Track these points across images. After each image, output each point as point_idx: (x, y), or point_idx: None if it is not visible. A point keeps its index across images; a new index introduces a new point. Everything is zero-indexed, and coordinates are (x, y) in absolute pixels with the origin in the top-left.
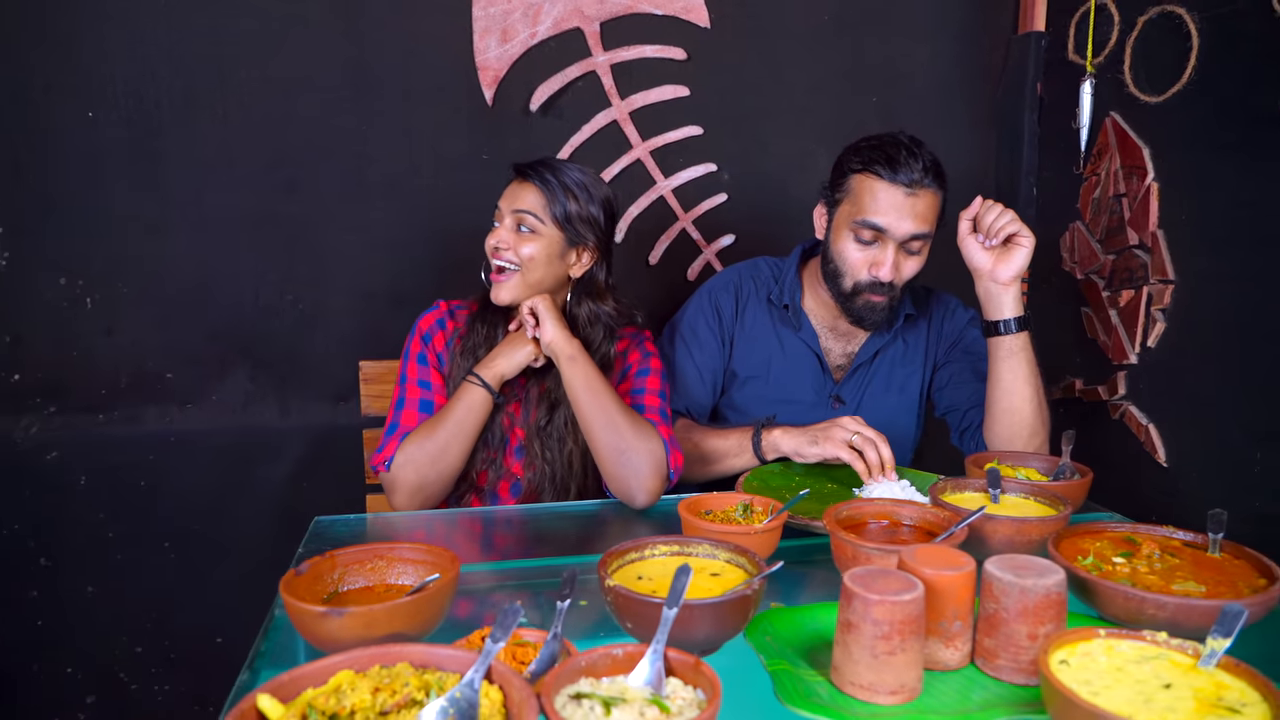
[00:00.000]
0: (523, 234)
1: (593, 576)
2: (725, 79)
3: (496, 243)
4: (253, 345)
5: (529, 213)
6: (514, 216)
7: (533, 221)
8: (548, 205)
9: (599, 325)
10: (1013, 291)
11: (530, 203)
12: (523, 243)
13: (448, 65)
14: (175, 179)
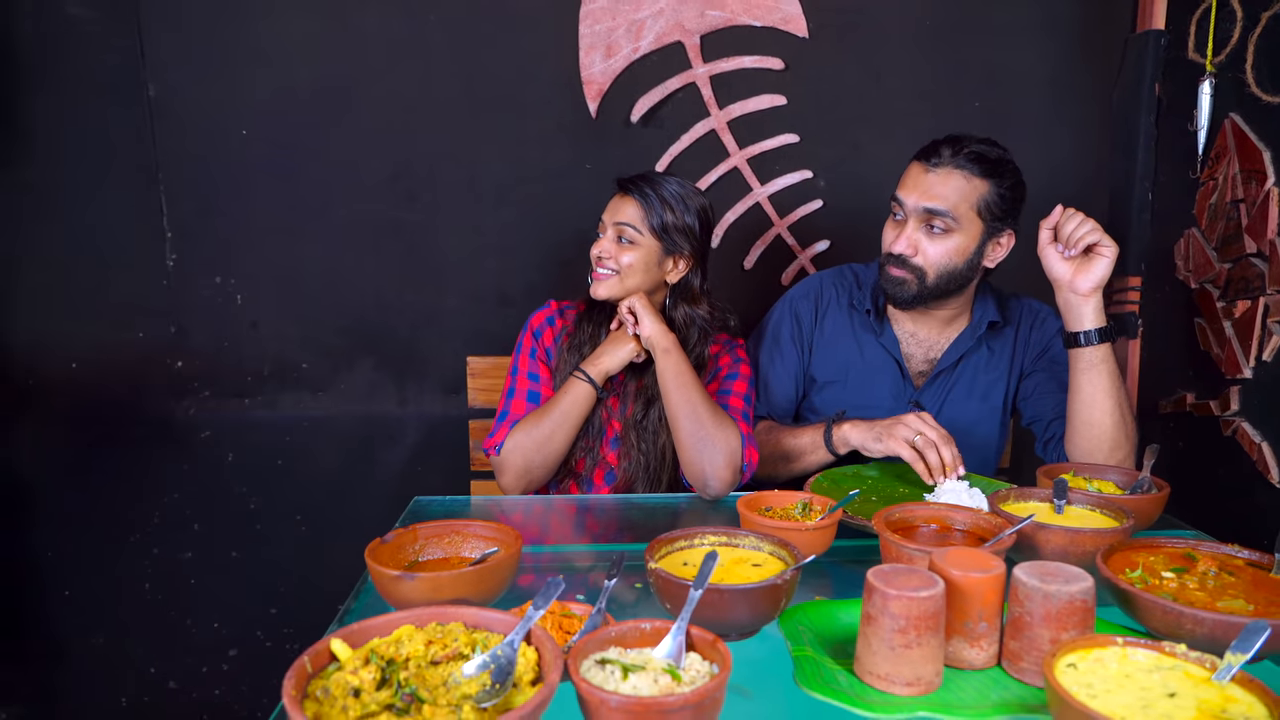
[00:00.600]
0: (623, 244)
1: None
2: (822, 87)
3: (599, 252)
4: (376, 340)
5: (628, 224)
6: (615, 228)
7: (632, 233)
8: (645, 217)
9: (694, 328)
10: (1093, 302)
11: (630, 215)
12: (623, 252)
13: (555, 80)
14: (310, 190)
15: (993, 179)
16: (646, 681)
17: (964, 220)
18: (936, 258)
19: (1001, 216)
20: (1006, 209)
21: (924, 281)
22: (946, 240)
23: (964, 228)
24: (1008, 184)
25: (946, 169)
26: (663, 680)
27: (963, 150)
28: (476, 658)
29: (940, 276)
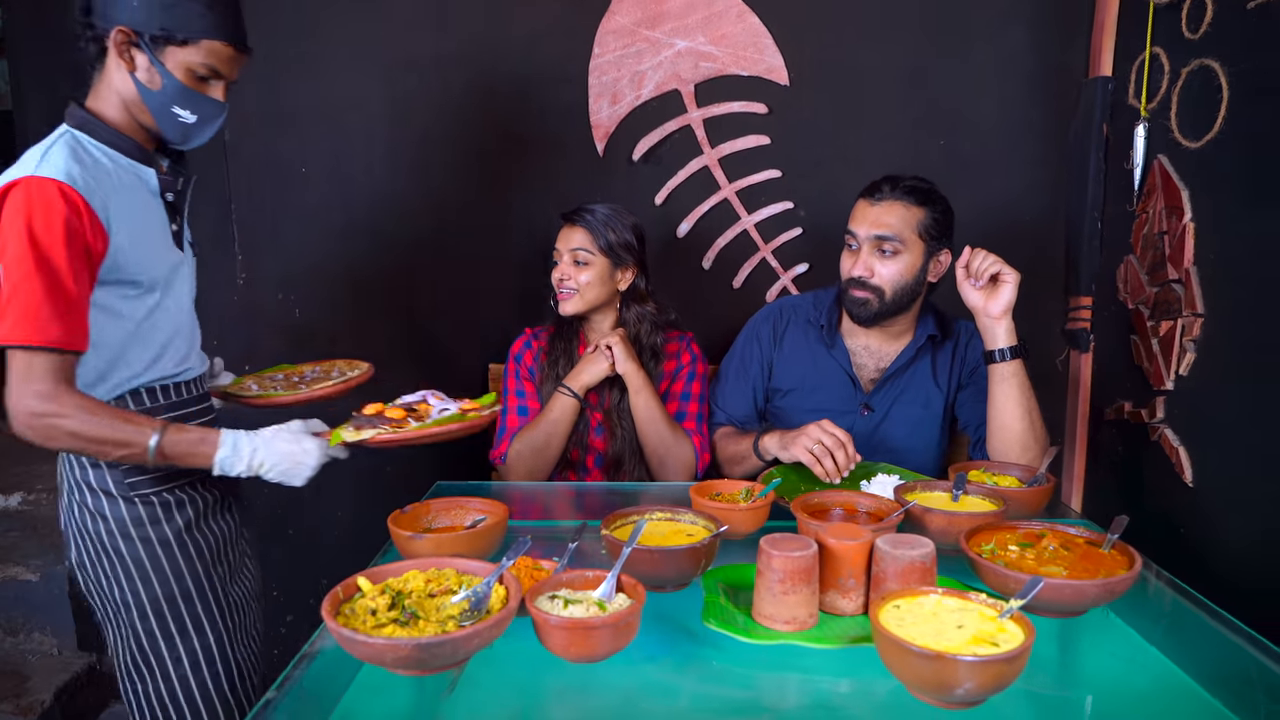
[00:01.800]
0: (579, 266)
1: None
2: (801, 129)
3: (560, 276)
4: (415, 345)
5: (580, 249)
6: (570, 254)
7: (584, 255)
8: (594, 240)
9: (645, 321)
10: (1004, 324)
11: (580, 240)
12: (580, 272)
13: (568, 124)
14: (360, 218)
15: (927, 206)
16: (581, 610)
17: (909, 242)
18: (890, 276)
19: (938, 236)
20: (941, 230)
21: (883, 299)
22: (897, 261)
23: (909, 248)
24: (939, 209)
25: (889, 201)
26: (592, 610)
27: (899, 185)
28: (462, 590)
29: (896, 292)
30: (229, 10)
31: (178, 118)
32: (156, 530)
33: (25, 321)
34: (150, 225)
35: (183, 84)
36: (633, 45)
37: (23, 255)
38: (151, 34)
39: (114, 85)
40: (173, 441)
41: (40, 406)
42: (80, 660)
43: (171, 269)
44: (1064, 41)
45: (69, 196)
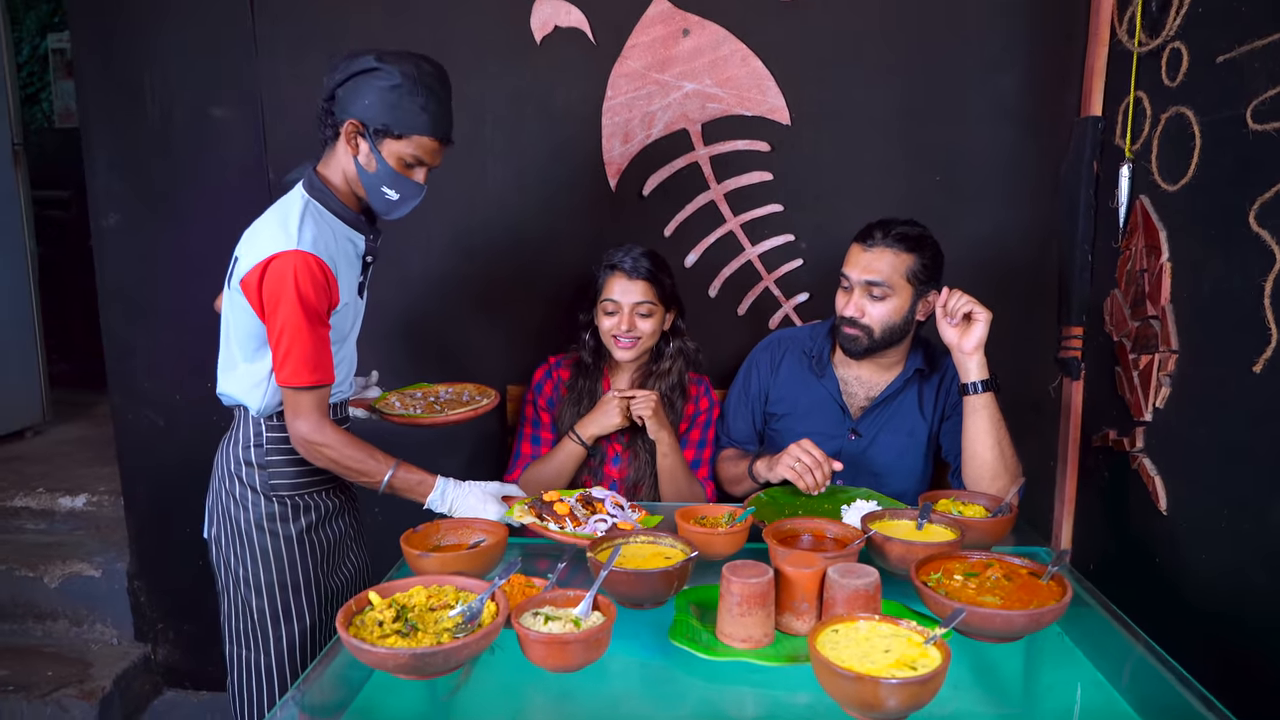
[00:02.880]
0: (643, 318)
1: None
2: (803, 166)
3: (624, 328)
4: (442, 364)
5: (645, 301)
6: (633, 307)
7: (648, 307)
8: (656, 291)
9: (681, 357)
10: (976, 359)
11: (643, 294)
12: (642, 322)
13: (583, 162)
14: (394, 252)
15: (916, 252)
16: (558, 626)
17: (897, 287)
18: (879, 317)
19: (926, 280)
20: (929, 274)
21: (872, 337)
22: (886, 303)
23: (897, 292)
24: (928, 255)
25: (880, 248)
26: (568, 626)
27: (891, 232)
28: (459, 606)
29: (884, 331)
30: (441, 110)
31: (385, 195)
32: (284, 527)
33: (301, 368)
34: (351, 282)
35: (393, 169)
36: (644, 88)
37: (296, 315)
38: (375, 127)
39: (339, 161)
40: (400, 479)
41: (312, 435)
42: (137, 650)
43: (355, 315)
44: (1057, 82)
45: (323, 268)
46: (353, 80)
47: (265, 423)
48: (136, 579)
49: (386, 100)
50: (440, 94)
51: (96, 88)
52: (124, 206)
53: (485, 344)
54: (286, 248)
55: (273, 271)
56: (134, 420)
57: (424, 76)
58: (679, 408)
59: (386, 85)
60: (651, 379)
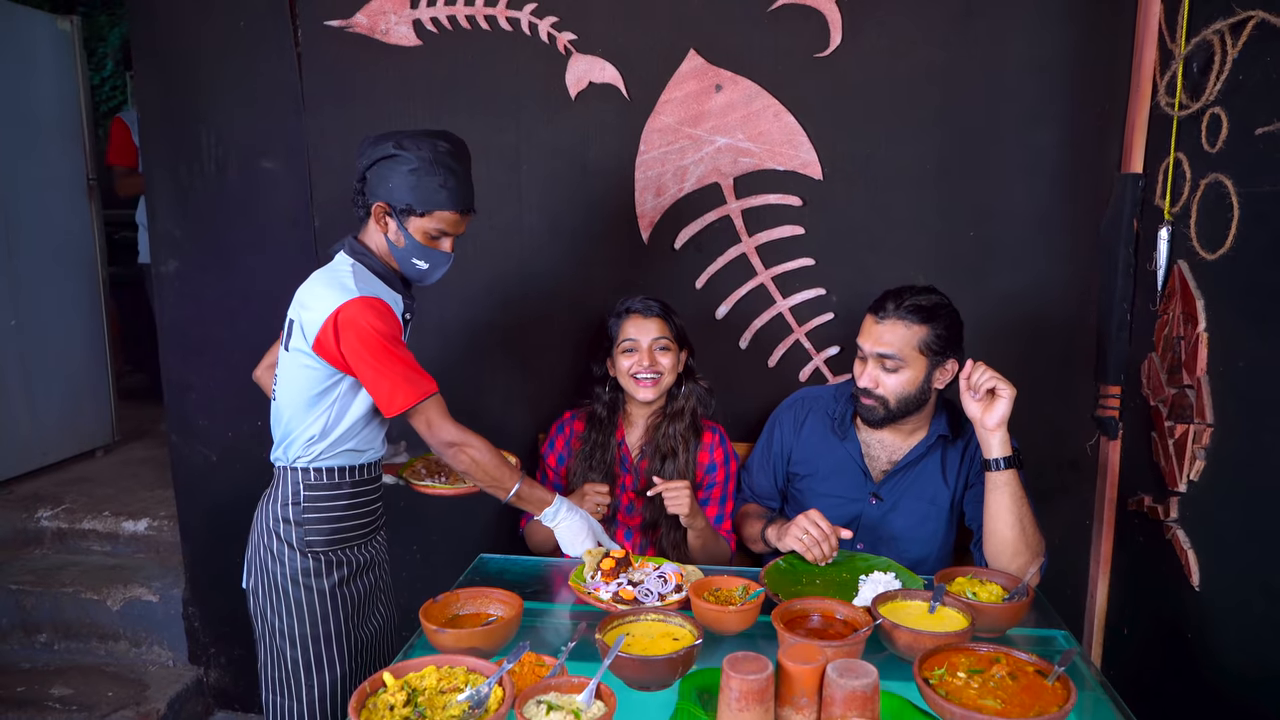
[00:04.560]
0: (660, 353)
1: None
2: (834, 220)
3: (645, 364)
4: (475, 415)
5: (662, 338)
6: (651, 343)
7: (666, 342)
8: (670, 329)
9: (693, 397)
10: (999, 435)
11: (659, 330)
12: (661, 357)
13: (615, 215)
14: (429, 302)
15: (929, 324)
16: (559, 716)
17: (909, 359)
18: (894, 388)
19: (940, 351)
20: (944, 345)
21: (888, 407)
22: (899, 374)
23: (910, 364)
24: (943, 325)
25: (891, 320)
26: (570, 716)
27: (903, 304)
28: (467, 690)
29: (900, 401)
30: (459, 184)
31: (416, 266)
32: (318, 581)
33: (407, 388)
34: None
35: (419, 243)
36: (676, 142)
37: (380, 346)
38: (400, 207)
39: (373, 236)
40: (526, 492)
41: (456, 437)
42: (190, 673)
43: None
44: (1097, 138)
45: (385, 305)
46: (377, 166)
47: (304, 481)
48: (190, 605)
49: (408, 183)
50: (457, 169)
51: (158, 139)
52: (181, 252)
53: (518, 394)
54: (348, 298)
55: (344, 321)
56: (189, 454)
57: (440, 156)
58: (692, 449)
59: (406, 169)
60: (665, 422)
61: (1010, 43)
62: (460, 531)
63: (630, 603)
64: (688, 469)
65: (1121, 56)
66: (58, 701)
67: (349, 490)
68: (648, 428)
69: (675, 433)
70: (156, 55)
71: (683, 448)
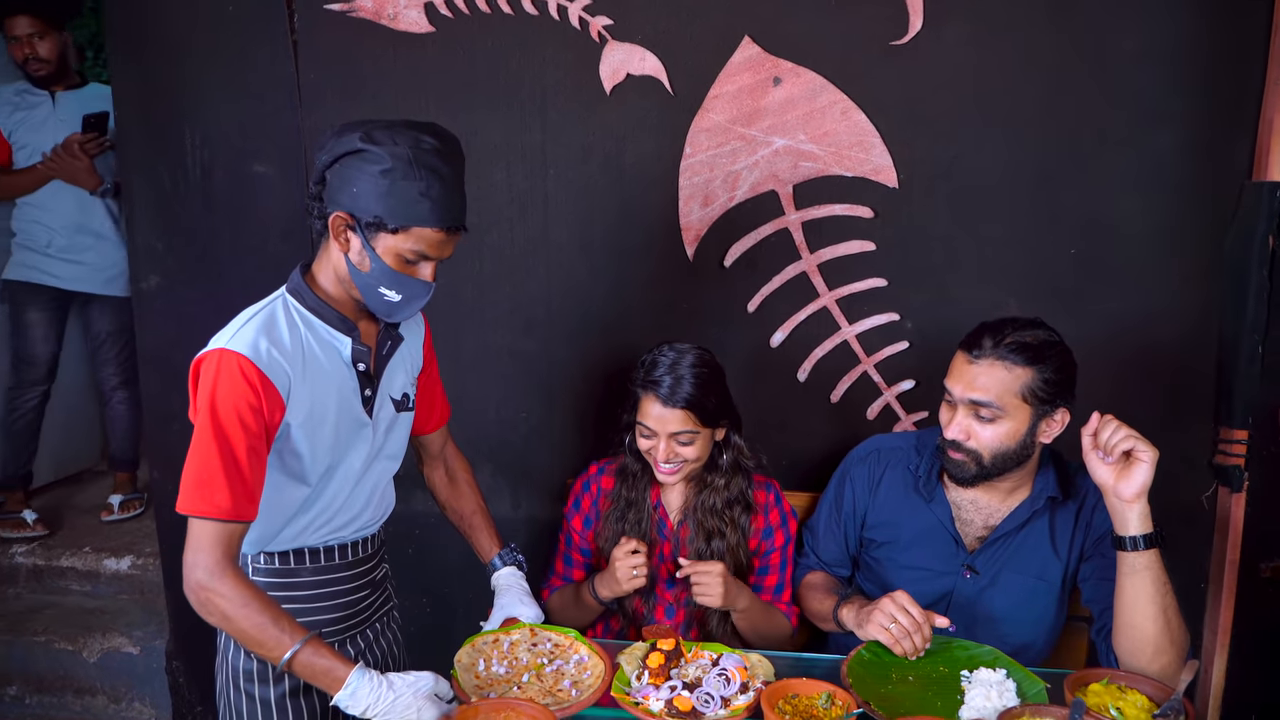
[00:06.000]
0: (681, 447)
1: None
2: (911, 234)
3: (658, 456)
4: (495, 450)
5: (687, 431)
6: (672, 436)
7: (689, 435)
8: (698, 418)
9: (738, 473)
10: (1137, 509)
11: (680, 424)
12: (684, 449)
13: (656, 227)
14: (443, 324)
15: (1035, 366)
16: None
17: (1010, 408)
18: (989, 441)
19: (1049, 399)
20: (1054, 392)
21: (981, 463)
22: (996, 426)
23: (1010, 414)
24: (1052, 368)
25: (989, 360)
26: None
27: (1004, 341)
28: None
29: (996, 458)
30: (446, 193)
31: (383, 297)
32: (261, 689)
33: (199, 491)
34: (334, 394)
35: (390, 268)
36: (727, 144)
37: (204, 427)
38: (366, 220)
39: (331, 258)
40: (304, 662)
41: (206, 580)
42: None
43: (350, 435)
44: (1224, 139)
45: (256, 374)
46: (339, 164)
47: (252, 558)
48: (175, 659)
49: (377, 187)
50: (445, 173)
51: (136, 142)
52: (163, 267)
53: (543, 432)
54: (214, 346)
55: (197, 374)
56: (172, 493)
57: (423, 155)
58: (743, 524)
59: (376, 170)
60: (706, 491)
61: (1122, 30)
62: (476, 579)
63: (689, 715)
64: (739, 546)
65: (1254, 46)
66: None
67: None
68: (686, 494)
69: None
70: (133, 44)
71: (730, 528)
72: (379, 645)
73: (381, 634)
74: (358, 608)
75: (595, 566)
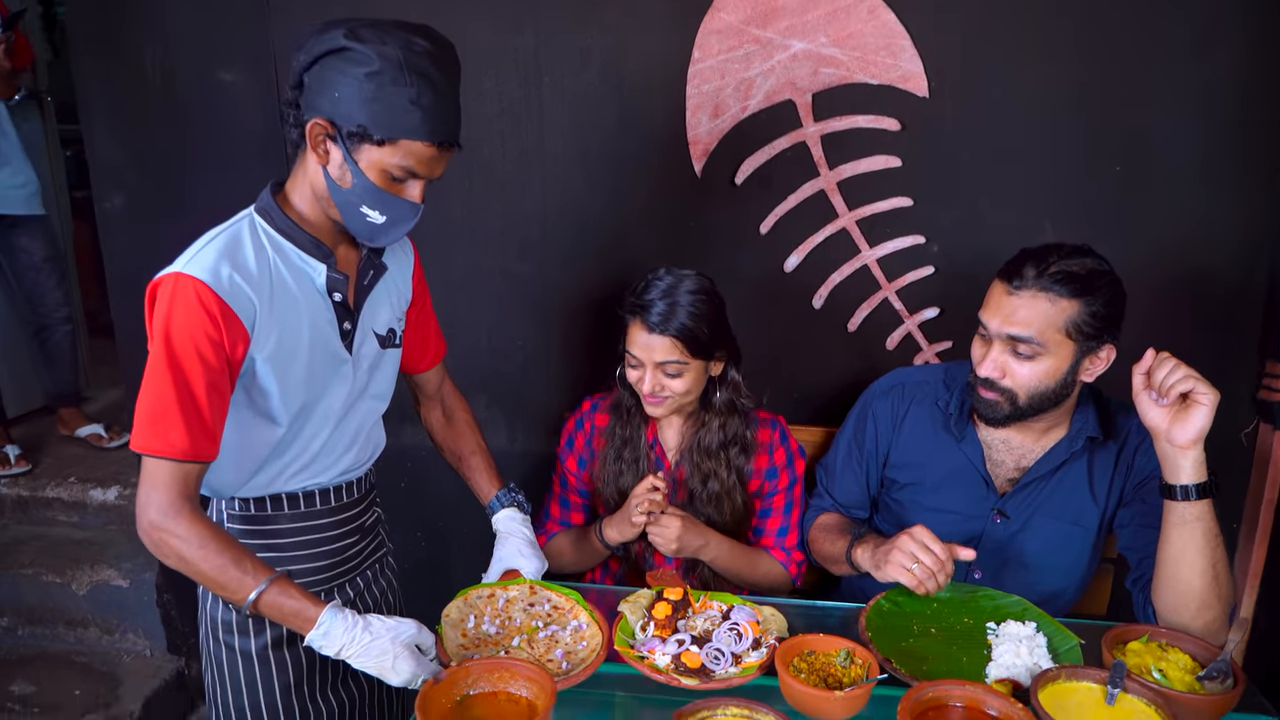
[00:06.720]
0: (669, 378)
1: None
2: (941, 149)
3: (645, 388)
4: (488, 381)
5: (671, 361)
6: (657, 368)
7: (676, 366)
8: (687, 348)
9: (734, 413)
10: (1192, 456)
11: (667, 352)
12: (672, 381)
13: (660, 140)
14: (431, 245)
15: (1083, 298)
16: None
17: (1051, 344)
18: (1025, 380)
19: (1096, 335)
20: (1102, 326)
21: (1016, 403)
22: (1035, 364)
23: (1052, 350)
24: (1102, 300)
25: (1030, 291)
26: None
27: (1048, 270)
28: None
29: (1031, 398)
30: (440, 103)
31: (366, 218)
32: (241, 641)
33: (153, 428)
34: (306, 327)
35: (374, 185)
36: (740, 48)
37: (158, 359)
38: (349, 130)
39: (307, 173)
40: (271, 605)
41: (159, 520)
42: (170, 665)
43: (327, 372)
44: None
45: (207, 298)
46: (319, 65)
47: (226, 505)
48: (165, 592)
49: (363, 92)
50: (439, 81)
51: (89, 45)
52: (127, 185)
53: (539, 360)
54: (170, 270)
55: (153, 300)
56: None
57: (414, 59)
58: (739, 465)
59: (362, 73)
60: (702, 430)
61: None
62: (472, 512)
63: (698, 672)
64: (736, 489)
65: None
66: (18, 701)
67: (323, 520)
68: (683, 431)
69: (712, 447)
70: None
71: (726, 470)
72: (370, 594)
73: (374, 581)
74: (344, 555)
75: (594, 509)
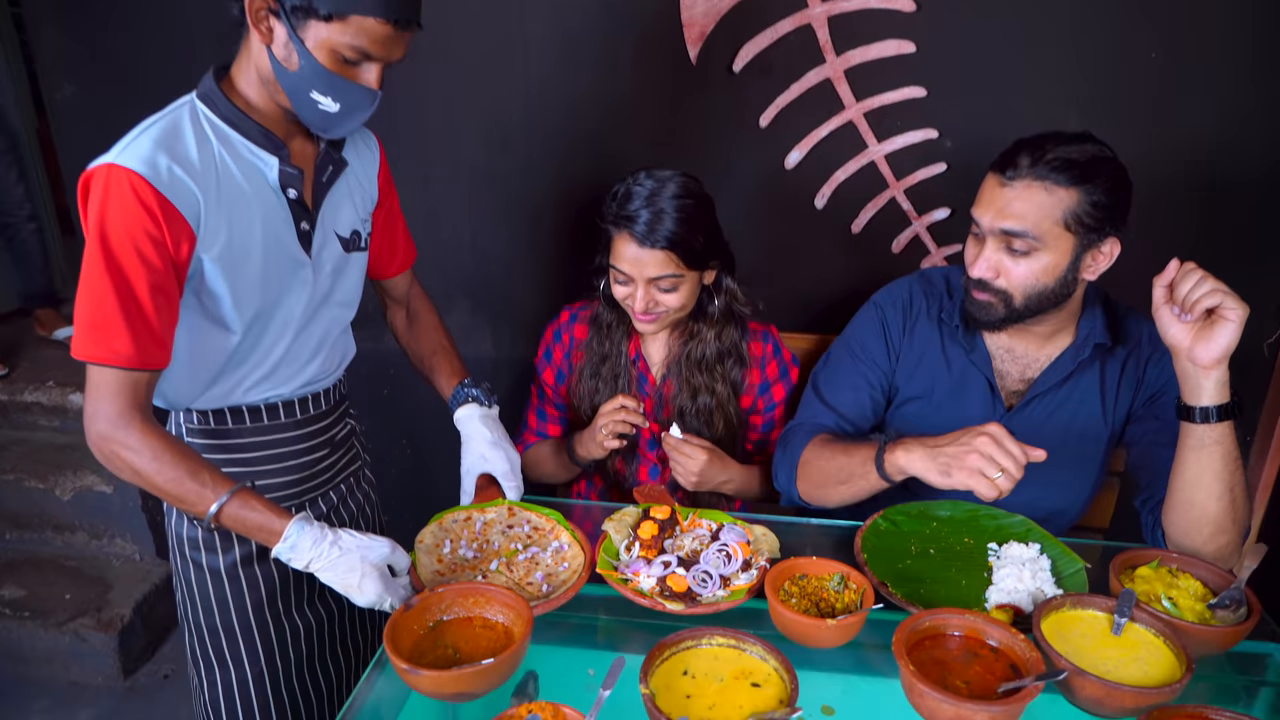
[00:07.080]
0: (662, 293)
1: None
2: (958, 34)
3: (634, 305)
4: (471, 284)
5: (667, 276)
6: (649, 284)
7: (672, 280)
8: (681, 260)
9: (730, 321)
10: (1215, 376)
11: (661, 267)
12: (665, 296)
13: (652, 23)
14: (408, 142)
15: (1082, 186)
16: None
17: (1048, 238)
18: (1021, 279)
19: (1097, 227)
20: (1103, 217)
21: (1011, 304)
22: (1031, 261)
23: (1050, 245)
24: (1103, 188)
25: (1025, 181)
26: None
27: (1044, 158)
28: None
29: (1029, 298)
30: None
31: (317, 105)
32: (209, 558)
33: (95, 334)
34: (258, 225)
35: (324, 67)
36: None
37: (94, 259)
38: (292, 3)
39: (251, 55)
40: (233, 517)
41: (109, 432)
42: (160, 569)
43: (285, 276)
44: None
45: (144, 192)
46: None
47: (184, 416)
48: (149, 498)
49: None
50: None
51: None
52: (78, 74)
53: (522, 263)
54: (101, 161)
55: (85, 194)
56: None
57: None
58: (735, 378)
59: None
60: (693, 342)
61: None
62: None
63: (683, 596)
64: (729, 403)
65: None
66: (8, 605)
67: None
68: (670, 344)
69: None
70: None
71: (721, 382)
72: (346, 508)
73: (349, 495)
74: (314, 470)
75: (573, 422)
